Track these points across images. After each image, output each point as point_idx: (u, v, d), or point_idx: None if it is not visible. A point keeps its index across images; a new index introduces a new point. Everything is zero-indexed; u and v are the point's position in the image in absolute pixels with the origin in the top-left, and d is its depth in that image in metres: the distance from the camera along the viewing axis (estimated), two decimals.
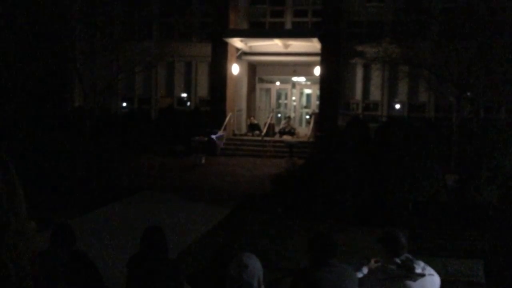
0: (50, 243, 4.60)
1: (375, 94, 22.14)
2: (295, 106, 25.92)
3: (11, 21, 17.27)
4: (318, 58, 21.36)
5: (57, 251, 4.55)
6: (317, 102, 23.06)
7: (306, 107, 26.15)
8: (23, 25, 17.32)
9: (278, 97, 26.25)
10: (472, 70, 15.55)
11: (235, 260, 3.39)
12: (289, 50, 22.52)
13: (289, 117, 24.12)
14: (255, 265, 3.35)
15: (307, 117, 25.15)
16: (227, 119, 21.67)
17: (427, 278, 3.83)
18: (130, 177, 15.28)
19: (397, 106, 22.04)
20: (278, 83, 25.86)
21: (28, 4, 17.55)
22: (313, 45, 21.35)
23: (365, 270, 4.27)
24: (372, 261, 4.30)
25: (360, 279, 4.01)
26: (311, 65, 22.36)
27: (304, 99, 26.42)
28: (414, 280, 3.79)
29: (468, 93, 16.93)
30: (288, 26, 23.24)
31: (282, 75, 25.15)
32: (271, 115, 23.60)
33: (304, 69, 23.88)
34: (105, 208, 11.66)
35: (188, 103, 23.67)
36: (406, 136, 11.45)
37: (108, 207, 11.77)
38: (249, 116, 24.12)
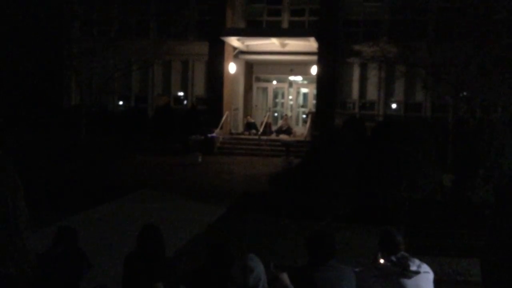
0: (53, 243, 4.70)
1: (372, 93, 22.16)
2: (292, 105, 25.92)
3: (8, 19, 17.22)
4: (315, 57, 21.36)
5: (57, 250, 4.61)
6: (314, 101, 23.05)
7: (303, 106, 26.15)
8: (20, 23, 17.28)
9: (275, 96, 26.24)
10: (468, 70, 15.58)
11: (239, 264, 3.28)
12: (286, 49, 22.52)
13: (286, 115, 24.13)
14: (260, 268, 3.26)
15: (304, 116, 25.15)
16: (223, 118, 21.66)
17: (422, 275, 3.84)
18: (126, 175, 15.27)
19: (394, 106, 22.07)
20: (275, 82, 25.84)
21: (25, 1, 17.50)
22: (310, 44, 21.36)
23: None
24: (379, 255, 4.14)
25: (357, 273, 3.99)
26: (308, 64, 22.36)
27: (301, 98, 26.42)
28: (409, 278, 3.80)
29: (465, 93, 16.96)
30: (285, 25, 23.24)
31: (279, 74, 25.14)
32: (267, 114, 23.59)
33: (301, 68, 23.89)
34: (102, 207, 11.63)
35: (185, 102, 23.64)
36: (403, 135, 11.45)
37: (104, 206, 11.74)
38: (245, 115, 24.12)
